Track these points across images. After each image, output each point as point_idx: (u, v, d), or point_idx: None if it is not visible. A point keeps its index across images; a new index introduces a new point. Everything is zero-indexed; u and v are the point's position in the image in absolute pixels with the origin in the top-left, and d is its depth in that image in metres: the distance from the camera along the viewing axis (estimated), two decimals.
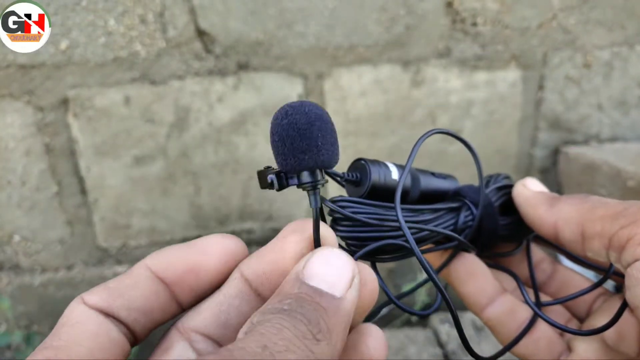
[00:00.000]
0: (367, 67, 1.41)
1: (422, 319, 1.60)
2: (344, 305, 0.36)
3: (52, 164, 1.39)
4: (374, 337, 0.41)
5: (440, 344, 1.48)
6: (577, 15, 1.43)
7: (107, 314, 0.38)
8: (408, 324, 1.61)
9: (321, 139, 0.41)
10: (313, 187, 0.41)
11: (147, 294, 0.40)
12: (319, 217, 0.40)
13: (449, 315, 1.57)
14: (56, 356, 0.34)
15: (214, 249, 0.41)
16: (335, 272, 0.37)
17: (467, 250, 0.55)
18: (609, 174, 1.35)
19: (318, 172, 0.41)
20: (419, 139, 0.47)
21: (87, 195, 1.43)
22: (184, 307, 0.42)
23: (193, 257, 0.41)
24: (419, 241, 0.49)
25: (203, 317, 0.40)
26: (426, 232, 0.49)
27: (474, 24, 1.41)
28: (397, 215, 0.44)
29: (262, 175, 0.43)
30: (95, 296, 0.38)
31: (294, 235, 0.40)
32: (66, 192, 1.42)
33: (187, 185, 1.45)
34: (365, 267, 0.41)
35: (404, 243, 0.46)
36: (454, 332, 1.50)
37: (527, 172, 1.57)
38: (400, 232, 0.47)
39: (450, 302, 0.44)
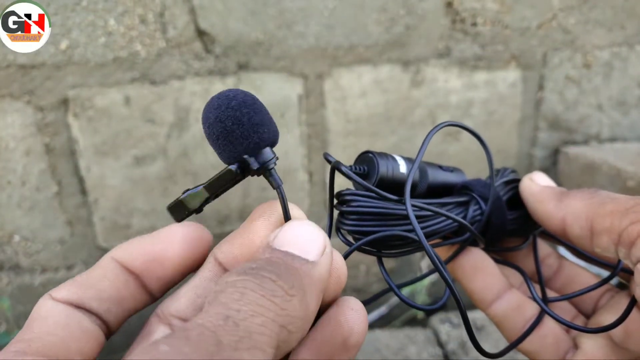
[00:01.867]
0: (367, 67, 1.41)
1: (428, 315, 1.60)
2: (317, 269, 0.35)
3: (52, 164, 1.38)
4: (354, 309, 0.40)
5: (440, 344, 1.48)
6: (576, 15, 1.43)
7: (78, 306, 0.38)
8: (408, 323, 1.61)
9: (260, 117, 0.41)
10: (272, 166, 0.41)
11: (117, 284, 0.40)
12: (284, 195, 0.40)
13: (449, 315, 1.57)
14: (29, 347, 0.34)
15: (175, 238, 0.41)
16: (307, 238, 0.36)
17: (475, 244, 0.55)
18: (608, 174, 1.36)
19: (269, 150, 0.41)
20: (431, 130, 0.47)
21: (87, 195, 1.42)
22: (155, 296, 0.42)
23: (156, 247, 0.41)
24: (427, 235, 0.49)
25: (181, 302, 0.40)
26: (434, 227, 0.49)
27: (474, 24, 1.41)
28: (406, 208, 0.43)
29: (178, 206, 0.44)
30: (64, 290, 0.38)
31: (262, 218, 0.40)
32: (66, 192, 1.42)
33: (187, 186, 1.44)
34: (336, 253, 0.40)
35: (412, 236, 0.46)
36: (454, 332, 1.50)
37: (527, 172, 1.56)
38: (409, 227, 0.47)
39: (458, 296, 0.44)
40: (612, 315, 0.50)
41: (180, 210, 0.44)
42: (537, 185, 0.54)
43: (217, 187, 0.42)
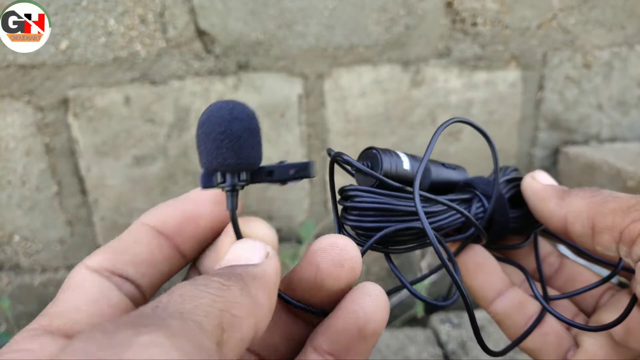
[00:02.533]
0: (367, 67, 1.41)
1: (429, 314, 1.60)
2: (260, 268, 0.35)
3: (52, 163, 1.39)
4: (371, 295, 0.38)
5: (440, 344, 1.48)
6: (576, 15, 1.43)
7: (113, 273, 0.37)
8: (408, 323, 1.61)
9: (244, 140, 0.40)
10: (231, 189, 0.40)
11: (151, 247, 0.39)
12: (234, 218, 0.40)
13: (449, 315, 1.57)
14: (51, 324, 0.34)
15: (205, 197, 0.41)
16: (247, 250, 0.36)
17: (477, 241, 0.55)
18: (608, 174, 1.36)
19: (238, 174, 0.40)
20: (441, 125, 0.47)
21: (87, 195, 1.42)
22: (188, 258, 0.42)
23: (187, 207, 0.41)
24: (436, 230, 0.49)
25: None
26: (438, 224, 0.49)
27: (474, 24, 1.41)
28: (415, 203, 0.43)
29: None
30: (99, 257, 0.38)
31: (228, 236, 0.40)
32: (66, 192, 1.42)
33: (187, 185, 1.44)
34: (348, 240, 0.40)
35: (420, 225, 0.45)
36: (454, 332, 1.50)
37: (527, 172, 1.57)
38: (414, 222, 0.46)
39: (464, 292, 0.44)
40: (613, 313, 0.50)
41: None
42: (538, 184, 0.54)
43: None
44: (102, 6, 1.27)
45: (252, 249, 0.36)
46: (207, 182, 0.41)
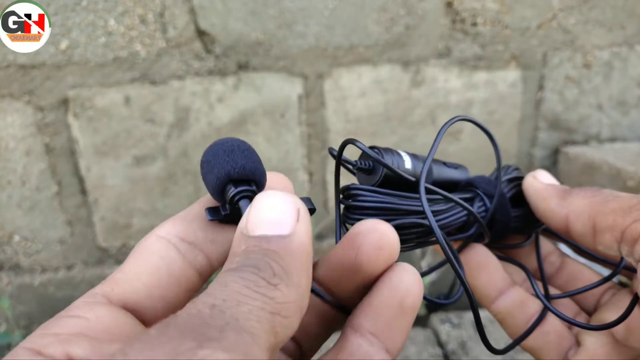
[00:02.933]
0: (367, 67, 1.41)
1: (429, 313, 1.60)
2: (295, 239, 0.33)
3: (52, 164, 1.38)
4: (408, 271, 0.38)
5: (440, 344, 1.48)
6: (576, 15, 1.43)
7: (183, 240, 0.38)
8: None
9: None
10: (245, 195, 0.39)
11: None
12: None
13: (449, 315, 1.57)
14: (112, 291, 0.34)
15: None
16: (276, 211, 0.34)
17: (479, 240, 0.55)
18: (608, 174, 1.36)
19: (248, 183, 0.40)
20: (445, 124, 0.47)
21: (87, 195, 1.42)
22: None
23: None
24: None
25: None
26: (441, 222, 0.49)
27: (474, 24, 1.41)
28: (421, 202, 0.43)
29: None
30: (168, 224, 0.38)
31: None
32: (66, 192, 1.42)
33: (187, 185, 1.44)
34: (385, 224, 0.39)
35: (427, 222, 0.45)
36: (454, 332, 1.50)
37: (527, 172, 1.57)
38: (418, 221, 0.46)
39: (469, 290, 0.44)
40: (614, 312, 0.50)
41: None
42: (540, 183, 0.54)
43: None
44: (102, 6, 1.27)
45: (280, 208, 0.34)
46: (213, 214, 0.39)
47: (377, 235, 0.39)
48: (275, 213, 0.34)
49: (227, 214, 0.39)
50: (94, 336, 0.31)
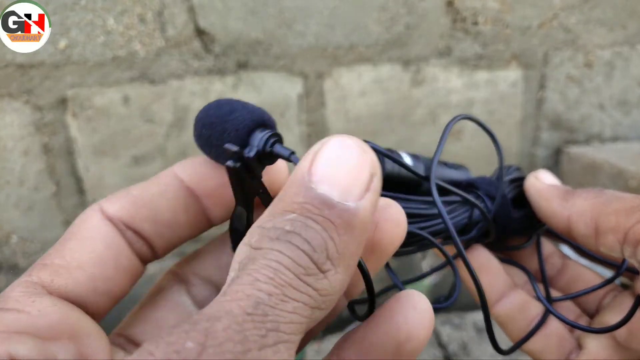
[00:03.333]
0: (367, 66, 1.41)
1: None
2: (359, 216, 0.28)
3: (51, 163, 1.38)
4: (417, 307, 0.32)
5: (442, 345, 1.47)
6: (578, 14, 1.43)
7: (128, 227, 0.34)
8: None
9: (227, 108, 0.37)
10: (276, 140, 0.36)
11: (176, 206, 0.36)
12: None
13: (450, 316, 1.56)
14: (52, 281, 0.31)
15: None
16: (349, 171, 0.29)
17: (484, 239, 0.54)
18: (610, 174, 1.35)
19: (258, 132, 0.37)
20: (449, 122, 0.46)
21: (86, 195, 1.42)
22: (214, 223, 0.39)
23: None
24: (435, 234, 0.48)
25: (204, 260, 0.38)
26: (443, 225, 0.48)
27: (475, 23, 1.40)
28: (437, 206, 0.42)
29: (234, 235, 0.39)
30: (116, 205, 0.35)
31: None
32: (64, 192, 1.41)
33: None
34: (394, 204, 0.36)
35: (431, 238, 0.45)
36: (455, 334, 1.50)
37: (529, 172, 1.56)
38: (422, 223, 0.46)
39: (481, 289, 0.43)
40: (616, 315, 0.50)
41: (237, 238, 0.38)
42: (542, 184, 0.54)
43: (240, 195, 0.36)
44: (101, 5, 1.26)
45: (352, 170, 0.30)
46: (241, 162, 0.35)
47: (394, 210, 0.36)
48: (349, 173, 0.29)
49: (251, 157, 0.35)
50: (39, 333, 0.29)
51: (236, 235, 0.38)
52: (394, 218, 0.36)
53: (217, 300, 0.25)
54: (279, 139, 0.37)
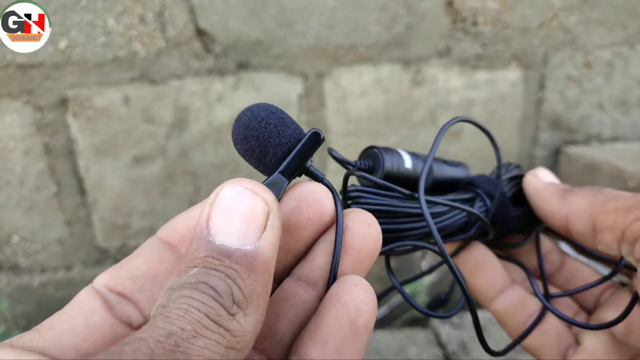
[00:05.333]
0: (367, 66, 1.41)
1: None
2: (259, 256, 0.30)
3: (51, 164, 1.38)
4: (358, 284, 0.34)
5: (441, 345, 1.47)
6: (577, 14, 1.43)
7: (111, 290, 0.36)
8: (409, 324, 1.61)
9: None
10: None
11: (150, 258, 0.37)
12: (331, 186, 0.39)
13: None
14: (37, 343, 0.33)
15: None
16: (242, 217, 0.31)
17: (483, 237, 0.55)
18: (609, 174, 1.35)
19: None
20: (445, 125, 0.47)
21: (86, 195, 1.42)
22: None
23: (195, 217, 0.38)
24: (437, 231, 0.48)
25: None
26: (441, 224, 0.49)
27: (475, 24, 1.40)
28: (421, 207, 0.43)
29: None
30: (103, 275, 0.37)
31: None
32: (65, 192, 1.41)
33: (186, 185, 1.44)
34: (360, 212, 0.38)
35: (431, 246, 0.45)
36: (455, 333, 1.50)
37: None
38: (417, 223, 0.46)
39: (469, 295, 0.43)
40: (613, 311, 0.50)
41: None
42: (540, 182, 0.54)
43: (297, 164, 0.38)
44: (102, 5, 1.27)
45: (245, 215, 0.31)
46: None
47: (361, 213, 0.38)
48: (242, 219, 0.31)
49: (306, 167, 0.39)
50: None
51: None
52: (364, 220, 0.37)
53: (133, 334, 0.27)
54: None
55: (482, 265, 0.54)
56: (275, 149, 0.38)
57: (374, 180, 0.44)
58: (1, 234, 1.44)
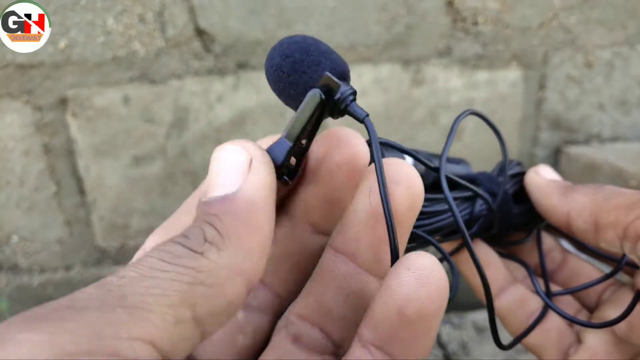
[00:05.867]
0: (367, 66, 1.41)
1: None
2: (240, 196, 0.29)
3: (51, 164, 1.38)
4: (411, 268, 0.30)
5: (441, 345, 1.47)
6: (577, 14, 1.43)
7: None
8: None
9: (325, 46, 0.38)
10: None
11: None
12: (371, 126, 0.36)
13: (450, 316, 1.56)
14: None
15: None
16: (225, 168, 0.31)
17: (482, 236, 0.54)
18: (610, 174, 1.35)
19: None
20: (456, 119, 0.46)
21: (86, 195, 1.42)
22: None
23: None
24: (436, 230, 0.48)
25: None
26: (445, 222, 0.48)
27: (475, 23, 1.40)
28: (448, 203, 0.42)
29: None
30: (155, 236, 0.36)
31: None
32: (65, 192, 1.41)
33: (186, 185, 1.44)
34: (398, 161, 0.35)
35: (428, 237, 0.45)
36: (455, 333, 1.50)
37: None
38: (424, 221, 0.46)
39: (487, 284, 0.42)
40: (615, 309, 0.50)
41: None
42: (542, 179, 0.54)
43: (300, 127, 0.35)
44: (101, 5, 1.27)
45: (228, 166, 0.31)
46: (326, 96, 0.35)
47: (399, 168, 0.36)
48: (225, 169, 0.31)
49: (337, 99, 0.36)
50: None
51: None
52: (402, 178, 0.35)
53: None
54: (355, 99, 0.36)
55: (483, 263, 0.54)
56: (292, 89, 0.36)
57: (401, 148, 0.43)
58: (1, 234, 1.44)
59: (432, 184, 0.52)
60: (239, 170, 0.30)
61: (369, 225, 0.33)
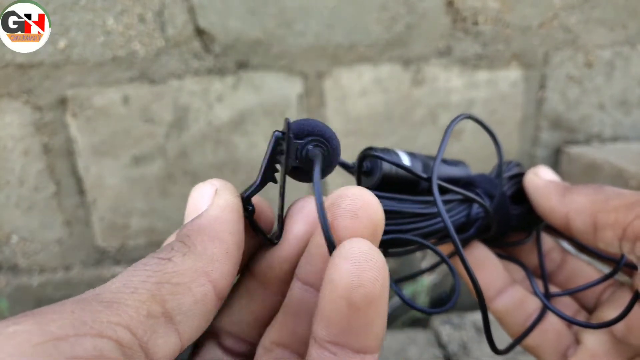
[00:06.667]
0: (368, 66, 1.41)
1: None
2: (205, 215, 0.34)
3: (51, 163, 1.38)
4: (347, 257, 0.29)
5: (442, 345, 1.47)
6: (578, 14, 1.43)
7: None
8: (409, 324, 1.60)
9: None
10: None
11: None
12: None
13: (450, 316, 1.56)
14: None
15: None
16: (197, 200, 0.36)
17: (479, 238, 0.54)
18: (610, 174, 1.35)
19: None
20: (450, 123, 0.46)
21: (86, 195, 1.42)
22: None
23: None
24: (433, 233, 0.48)
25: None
26: (440, 225, 0.48)
27: (475, 23, 1.40)
28: (437, 206, 0.42)
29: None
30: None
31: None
32: (64, 192, 1.41)
33: (186, 185, 1.44)
34: (360, 191, 0.35)
35: (433, 247, 0.45)
36: (455, 334, 1.49)
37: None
38: (419, 223, 0.46)
39: (479, 289, 0.43)
40: (614, 310, 0.50)
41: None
42: (540, 180, 0.54)
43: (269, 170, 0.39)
44: (101, 5, 1.26)
45: (199, 195, 0.36)
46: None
47: (347, 202, 0.34)
48: (194, 202, 0.36)
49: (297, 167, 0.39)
50: None
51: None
52: (348, 210, 0.34)
53: None
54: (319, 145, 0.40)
55: (481, 265, 0.54)
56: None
57: (393, 162, 0.44)
58: (0, 234, 1.44)
59: (428, 186, 0.51)
60: (207, 198, 0.36)
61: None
